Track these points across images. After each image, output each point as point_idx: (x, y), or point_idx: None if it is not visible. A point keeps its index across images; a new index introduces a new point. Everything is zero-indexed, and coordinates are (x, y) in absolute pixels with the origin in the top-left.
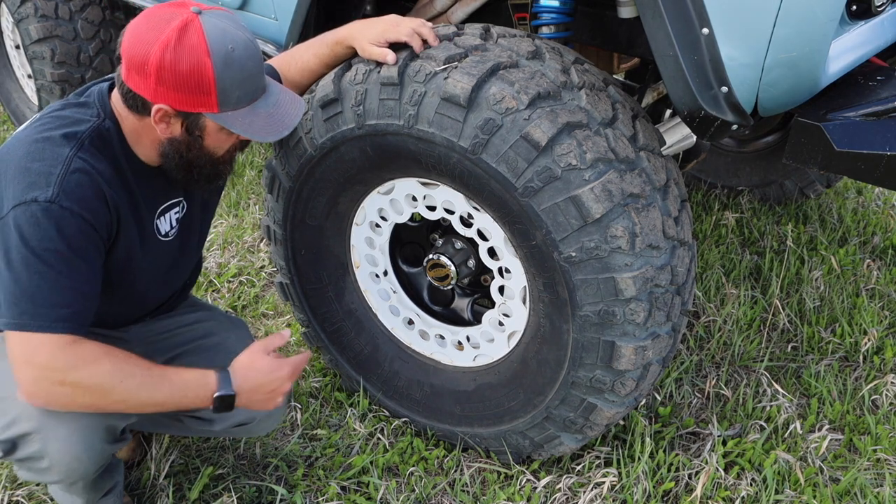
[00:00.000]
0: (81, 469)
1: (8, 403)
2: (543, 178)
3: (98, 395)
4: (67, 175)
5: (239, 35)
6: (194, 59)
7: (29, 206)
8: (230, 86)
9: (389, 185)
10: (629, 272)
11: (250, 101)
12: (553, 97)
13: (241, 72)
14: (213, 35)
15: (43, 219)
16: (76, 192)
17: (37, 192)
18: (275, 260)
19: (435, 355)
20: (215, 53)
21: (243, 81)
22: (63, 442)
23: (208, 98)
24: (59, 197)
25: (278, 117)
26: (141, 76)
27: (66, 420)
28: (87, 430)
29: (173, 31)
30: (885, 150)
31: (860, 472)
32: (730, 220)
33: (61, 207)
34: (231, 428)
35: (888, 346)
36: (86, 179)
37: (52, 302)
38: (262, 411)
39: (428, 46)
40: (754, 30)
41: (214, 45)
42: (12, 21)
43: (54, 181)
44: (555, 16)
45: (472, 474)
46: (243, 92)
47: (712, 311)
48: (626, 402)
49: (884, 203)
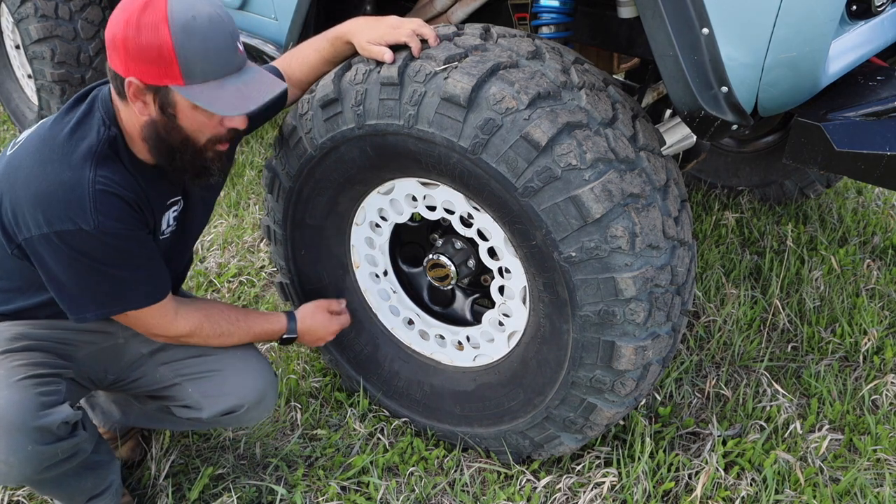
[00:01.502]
0: (14, 473)
1: None
2: (543, 178)
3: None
4: (97, 199)
5: (205, 8)
6: (153, 27)
7: (78, 233)
8: (192, 56)
9: (389, 185)
10: (629, 272)
11: (219, 77)
12: (553, 97)
13: (204, 42)
14: (176, 6)
15: (97, 241)
16: (112, 211)
17: (79, 222)
18: (275, 260)
19: (435, 355)
20: (174, 22)
21: (207, 52)
22: None
23: (170, 68)
24: (101, 220)
25: (247, 93)
26: (114, 52)
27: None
28: (11, 433)
29: (139, 5)
30: (885, 150)
31: (860, 472)
32: (730, 220)
33: (107, 229)
34: (219, 417)
35: (888, 346)
36: (114, 198)
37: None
38: (250, 399)
39: (427, 47)
40: (754, 30)
41: (175, 14)
42: (12, 21)
43: (89, 209)
44: (555, 16)
45: (472, 474)
46: (208, 65)
47: (712, 311)
48: (626, 402)
49: (884, 203)
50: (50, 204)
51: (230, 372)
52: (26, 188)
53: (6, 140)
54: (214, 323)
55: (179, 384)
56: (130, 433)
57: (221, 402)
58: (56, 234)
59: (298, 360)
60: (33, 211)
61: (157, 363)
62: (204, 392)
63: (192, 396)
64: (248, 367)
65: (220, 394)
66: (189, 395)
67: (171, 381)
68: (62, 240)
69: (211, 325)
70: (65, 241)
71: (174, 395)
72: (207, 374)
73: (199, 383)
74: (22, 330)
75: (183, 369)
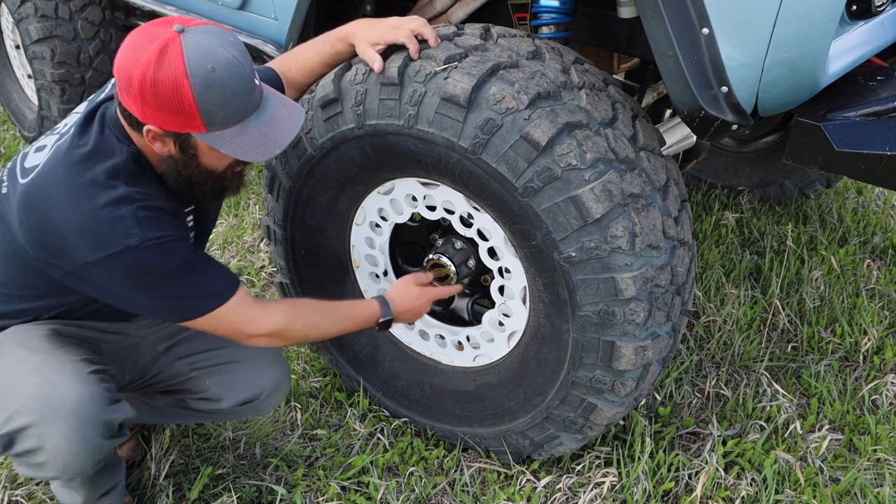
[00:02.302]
0: (78, 464)
1: (6, 399)
2: (543, 178)
3: (307, 333)
4: (137, 214)
5: (222, 54)
6: (173, 81)
7: (127, 252)
8: (213, 107)
9: (389, 185)
10: (629, 272)
11: (239, 120)
12: (553, 97)
13: (224, 92)
14: (193, 55)
15: (149, 255)
16: (153, 223)
17: (125, 241)
18: (275, 260)
19: (435, 355)
20: (194, 75)
21: (227, 102)
22: (60, 437)
23: (193, 120)
24: (145, 234)
25: (270, 135)
26: (129, 96)
27: (64, 415)
28: (84, 425)
29: (154, 52)
30: (885, 150)
31: (860, 472)
32: (730, 220)
33: (155, 240)
34: (238, 406)
35: (888, 346)
36: (152, 210)
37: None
38: (268, 387)
39: (427, 48)
40: (754, 30)
41: (193, 65)
42: (12, 21)
43: (131, 225)
44: (555, 16)
45: (472, 474)
46: (229, 112)
47: (712, 311)
48: (626, 402)
49: (884, 203)
50: (93, 231)
51: (246, 362)
52: (64, 219)
53: (6, 140)
54: (305, 313)
55: (197, 377)
56: (131, 432)
57: (240, 393)
58: (107, 259)
59: (298, 360)
60: (79, 241)
61: (172, 358)
62: (222, 383)
63: (211, 388)
64: (262, 356)
65: (239, 384)
66: (207, 388)
67: (188, 375)
68: (116, 262)
69: (303, 315)
70: (119, 263)
71: (192, 388)
72: (224, 366)
73: (217, 375)
74: (57, 327)
75: (199, 362)
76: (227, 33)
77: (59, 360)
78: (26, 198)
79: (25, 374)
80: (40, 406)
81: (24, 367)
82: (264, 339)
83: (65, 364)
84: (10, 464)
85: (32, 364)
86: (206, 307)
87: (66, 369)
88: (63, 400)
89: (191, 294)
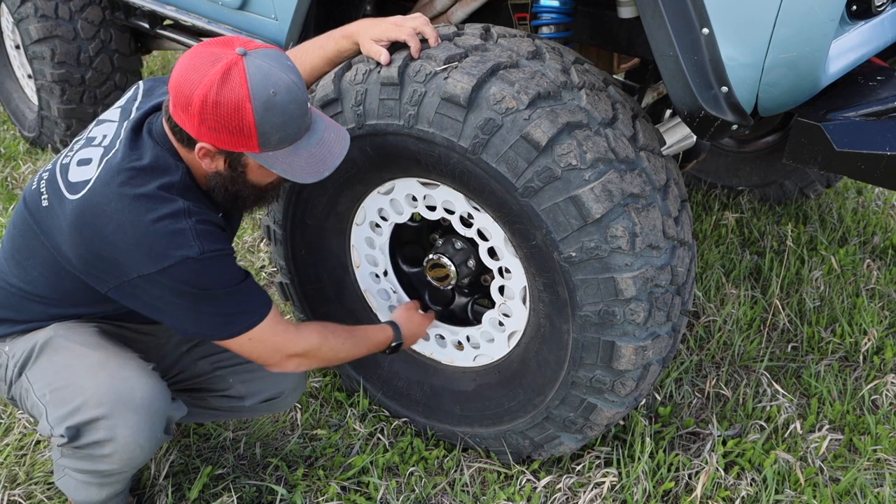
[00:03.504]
0: (142, 457)
1: (71, 391)
2: (543, 178)
3: (332, 358)
4: (196, 227)
5: (282, 78)
6: (236, 103)
7: (184, 263)
8: (271, 129)
9: (389, 185)
10: (629, 272)
11: (292, 142)
12: (553, 97)
13: (283, 116)
14: (256, 79)
15: (205, 267)
16: (210, 236)
17: (185, 252)
18: (275, 260)
19: (435, 355)
20: (256, 98)
21: (284, 125)
22: (130, 429)
23: (249, 140)
24: (204, 245)
25: (320, 157)
26: (186, 114)
27: (135, 408)
28: (153, 419)
29: (217, 74)
30: (885, 150)
31: (860, 472)
32: (730, 220)
33: (212, 253)
34: (259, 404)
35: (888, 346)
36: (209, 224)
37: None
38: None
39: (428, 47)
40: (754, 30)
41: (256, 89)
42: (12, 21)
43: (191, 236)
44: (555, 16)
45: (472, 474)
46: (284, 134)
47: (712, 311)
48: (626, 402)
49: (884, 203)
50: (152, 244)
51: None
52: (123, 236)
53: (6, 140)
54: (333, 337)
55: (220, 375)
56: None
57: (265, 391)
58: (163, 272)
59: None
60: (136, 255)
61: (196, 357)
62: (245, 381)
63: (234, 386)
64: None
65: (262, 382)
66: (231, 385)
67: (211, 373)
68: (170, 276)
69: (331, 340)
70: (172, 277)
71: (214, 386)
72: (248, 364)
73: (240, 374)
74: (100, 326)
75: (223, 361)
76: (285, 56)
77: (120, 355)
78: (80, 214)
79: (89, 368)
80: (112, 398)
81: (84, 361)
82: (295, 361)
83: (127, 360)
84: (10, 463)
85: (94, 358)
86: (245, 324)
87: (130, 365)
88: (134, 394)
89: (232, 311)
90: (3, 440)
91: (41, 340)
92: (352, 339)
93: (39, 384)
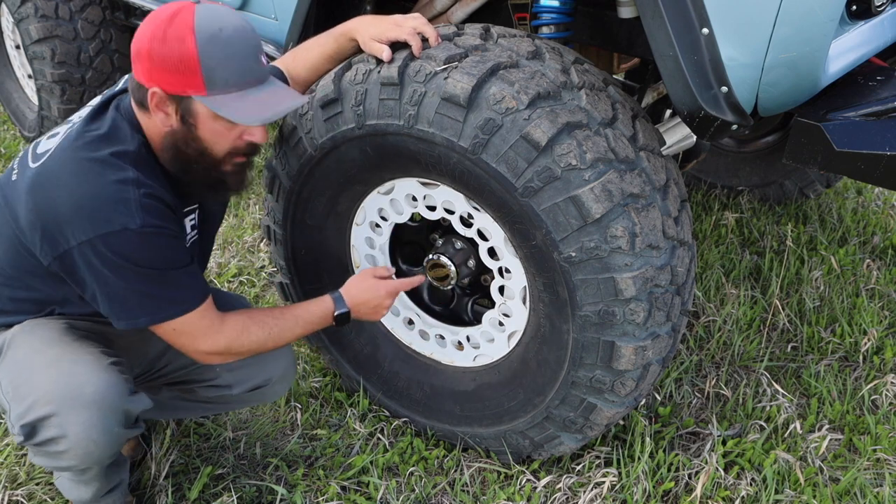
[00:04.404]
0: (98, 453)
1: (25, 388)
2: (543, 178)
3: (258, 349)
4: (141, 199)
5: (231, 20)
6: (179, 38)
7: (123, 233)
8: (216, 65)
9: (389, 185)
10: (629, 272)
11: (241, 87)
12: (553, 97)
13: (227, 48)
14: (203, 16)
15: (143, 241)
16: (154, 211)
17: (125, 221)
18: (275, 260)
19: (435, 355)
20: (201, 31)
21: (230, 61)
22: (81, 425)
23: (194, 78)
24: (146, 219)
25: (270, 104)
26: (138, 63)
27: (86, 403)
28: (105, 414)
29: (167, 16)
30: (885, 150)
31: (860, 472)
32: (730, 220)
33: (152, 228)
34: (246, 393)
35: (888, 346)
36: (156, 200)
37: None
38: (276, 373)
39: (428, 46)
40: (754, 30)
41: (202, 24)
42: (12, 21)
43: (134, 207)
44: (555, 16)
45: (472, 474)
46: (230, 74)
47: (712, 311)
48: (626, 402)
49: (884, 203)
50: (94, 208)
51: None
52: (69, 197)
53: (6, 140)
54: (256, 329)
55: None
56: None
57: (251, 379)
58: (100, 239)
59: (298, 360)
60: (77, 219)
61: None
62: (233, 369)
63: (221, 375)
64: None
65: (249, 370)
66: (217, 374)
67: (197, 363)
68: (107, 245)
69: (253, 333)
70: (109, 247)
71: (201, 376)
72: None
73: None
74: (70, 322)
75: None
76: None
77: (76, 351)
78: (36, 179)
79: (43, 365)
80: (60, 395)
81: (40, 358)
82: (217, 357)
83: (83, 355)
84: (10, 463)
85: (49, 355)
86: (174, 311)
87: (84, 360)
88: (84, 389)
89: (163, 295)
90: (4, 440)
91: (9, 337)
92: (280, 322)
93: (4, 382)
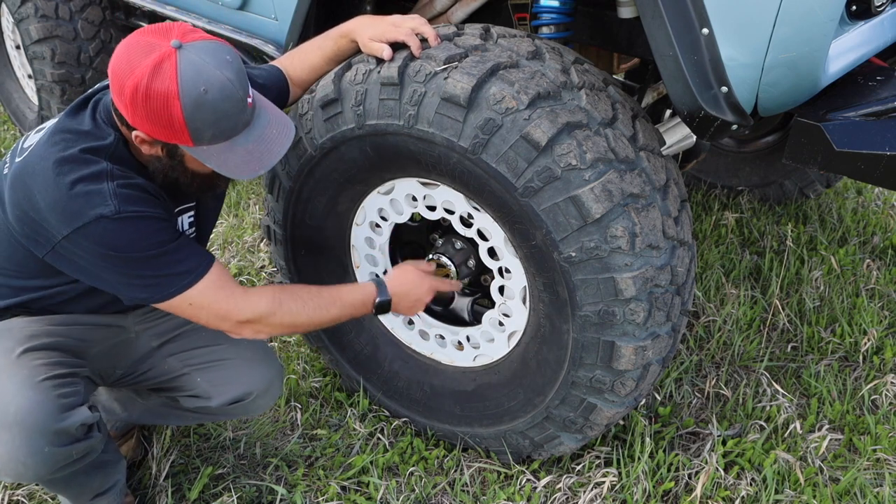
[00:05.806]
0: (30, 473)
1: None
2: (543, 178)
3: (292, 324)
4: (117, 189)
5: (215, 75)
6: (165, 99)
7: (99, 222)
8: (202, 125)
9: (389, 185)
10: (629, 272)
11: (228, 138)
12: (553, 97)
13: (214, 113)
14: (187, 75)
15: (122, 227)
16: (131, 197)
17: (99, 210)
18: (275, 260)
19: (435, 355)
20: (185, 96)
21: (217, 122)
22: (5, 446)
23: (181, 135)
24: (120, 206)
25: (257, 154)
26: (120, 102)
27: (8, 425)
28: (30, 434)
29: (148, 66)
30: (885, 150)
31: (860, 471)
32: (730, 220)
33: (129, 213)
34: (227, 406)
35: (888, 346)
36: (132, 187)
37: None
38: (258, 387)
39: (427, 46)
40: (754, 30)
41: (186, 86)
42: (12, 21)
43: (108, 196)
44: (555, 16)
45: (472, 474)
46: (218, 130)
47: (712, 311)
48: (626, 402)
49: (884, 203)
50: (67, 203)
51: (238, 361)
52: (45, 193)
53: (6, 140)
54: (290, 301)
55: (188, 374)
56: (131, 432)
57: (230, 391)
58: (79, 233)
59: (298, 360)
60: (53, 216)
61: (165, 355)
62: (212, 381)
63: (201, 386)
64: (255, 355)
65: (229, 382)
66: (198, 385)
67: (179, 372)
68: (87, 237)
69: (286, 304)
70: (90, 238)
71: (182, 385)
72: (216, 364)
73: (208, 372)
74: (40, 327)
75: (191, 359)
76: (225, 50)
77: (11, 367)
78: (18, 174)
79: None
80: None
81: None
82: (249, 327)
83: (16, 373)
84: None
85: None
86: (177, 286)
87: (15, 378)
88: (8, 409)
89: (162, 273)
90: None
91: None
92: (317, 300)
93: None
